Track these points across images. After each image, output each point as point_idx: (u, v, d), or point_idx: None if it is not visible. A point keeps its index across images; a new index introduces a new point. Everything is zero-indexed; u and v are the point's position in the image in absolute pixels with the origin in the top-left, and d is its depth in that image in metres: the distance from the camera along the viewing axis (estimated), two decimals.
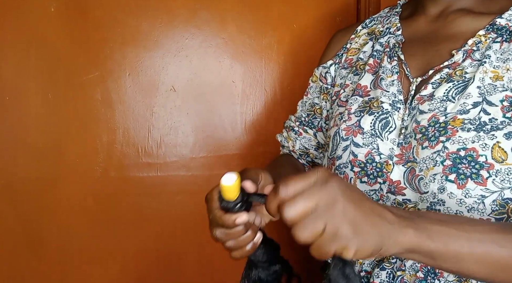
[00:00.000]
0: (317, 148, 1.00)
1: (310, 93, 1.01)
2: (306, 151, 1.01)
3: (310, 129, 1.00)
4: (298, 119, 1.02)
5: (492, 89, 0.69)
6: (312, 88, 1.00)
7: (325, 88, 0.96)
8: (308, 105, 1.01)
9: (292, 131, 1.02)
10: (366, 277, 0.74)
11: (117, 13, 1.19)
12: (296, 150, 1.01)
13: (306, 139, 1.00)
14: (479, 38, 0.74)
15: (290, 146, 1.02)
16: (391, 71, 0.80)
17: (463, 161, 0.66)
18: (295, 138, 1.01)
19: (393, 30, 0.87)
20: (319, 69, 0.98)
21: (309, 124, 1.00)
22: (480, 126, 0.66)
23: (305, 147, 1.01)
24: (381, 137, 0.75)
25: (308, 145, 1.00)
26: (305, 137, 1.00)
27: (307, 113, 1.01)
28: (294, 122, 1.03)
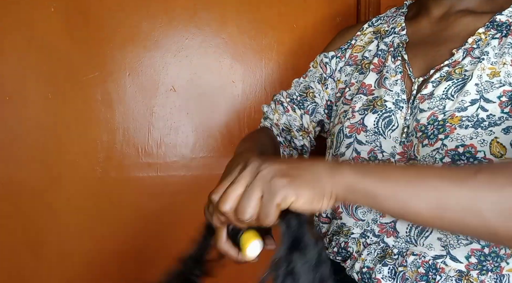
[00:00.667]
0: (299, 129, 0.99)
1: (309, 76, 1.00)
2: (289, 128, 1.00)
3: (298, 109, 0.99)
4: (289, 95, 1.01)
5: (489, 86, 0.69)
6: (311, 72, 1.00)
7: (324, 77, 0.97)
8: (303, 86, 1.00)
9: (281, 105, 1.00)
10: (368, 273, 0.74)
11: (117, 13, 1.19)
12: (280, 123, 1.00)
13: (292, 118, 0.99)
14: (479, 35, 0.75)
15: (274, 119, 1.00)
16: (395, 70, 0.81)
17: (462, 158, 0.66)
18: (282, 113, 1.00)
19: (398, 30, 0.88)
20: (320, 56, 0.99)
21: (299, 104, 0.99)
22: (478, 123, 0.67)
23: (289, 124, 0.99)
24: (384, 135, 0.76)
25: (292, 124, 0.99)
26: (291, 115, 0.99)
27: (300, 93, 1.00)
28: (285, 98, 1.01)
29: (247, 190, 0.52)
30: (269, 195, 0.51)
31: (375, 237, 0.76)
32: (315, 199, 0.52)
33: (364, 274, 0.75)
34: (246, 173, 0.54)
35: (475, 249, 0.68)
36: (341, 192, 0.53)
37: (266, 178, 0.52)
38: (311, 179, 0.52)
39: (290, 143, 1.01)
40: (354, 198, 0.54)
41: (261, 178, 0.52)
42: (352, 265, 0.77)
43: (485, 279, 0.67)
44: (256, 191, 0.52)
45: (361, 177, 0.53)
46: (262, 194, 0.52)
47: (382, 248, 0.75)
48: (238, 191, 0.53)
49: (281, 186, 0.51)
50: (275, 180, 0.51)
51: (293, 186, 0.51)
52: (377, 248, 0.76)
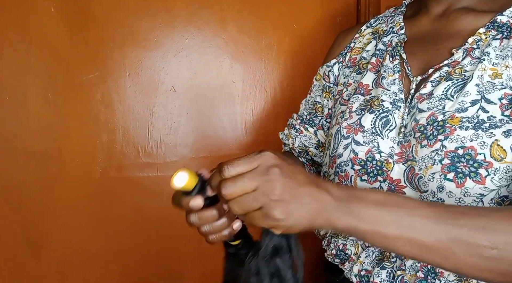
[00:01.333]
0: (317, 146, 1.00)
1: (313, 91, 1.01)
2: (306, 149, 1.01)
3: (310, 127, 1.00)
4: (299, 117, 1.03)
5: (491, 87, 0.68)
6: (315, 87, 1.01)
7: (327, 86, 0.97)
8: (310, 104, 1.01)
9: (293, 129, 1.02)
10: (367, 276, 0.74)
11: (117, 13, 1.19)
12: (295, 147, 1.02)
13: (306, 137, 1.00)
14: (480, 36, 0.74)
15: (290, 144, 1.02)
16: (393, 70, 0.81)
17: (462, 160, 0.66)
18: (295, 136, 1.01)
19: (396, 29, 0.87)
20: (323, 68, 0.99)
21: (310, 122, 1.00)
22: (478, 124, 0.66)
23: (305, 145, 1.00)
24: (382, 136, 0.76)
25: (308, 143, 1.00)
26: (305, 135, 1.00)
27: (309, 111, 1.01)
28: (296, 120, 1.03)
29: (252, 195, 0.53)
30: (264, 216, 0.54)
31: None
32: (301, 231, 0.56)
33: (362, 277, 0.75)
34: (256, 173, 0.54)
35: None
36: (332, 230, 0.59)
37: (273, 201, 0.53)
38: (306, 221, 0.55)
39: (313, 161, 1.03)
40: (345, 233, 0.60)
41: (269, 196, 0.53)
42: (351, 268, 0.77)
43: None
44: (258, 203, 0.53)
45: (356, 223, 0.56)
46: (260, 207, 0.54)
47: (380, 251, 0.75)
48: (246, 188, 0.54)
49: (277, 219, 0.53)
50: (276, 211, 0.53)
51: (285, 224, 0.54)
52: (375, 250, 0.75)
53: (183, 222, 1.27)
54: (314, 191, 0.55)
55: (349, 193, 0.57)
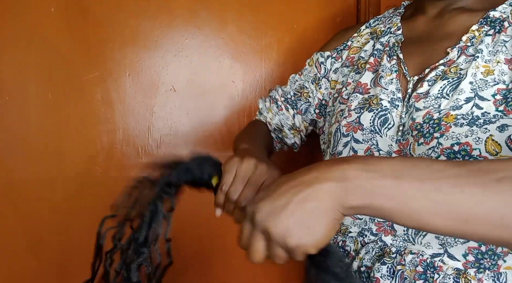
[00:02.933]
0: (291, 128, 1.02)
1: (304, 74, 1.02)
2: (281, 128, 1.03)
3: (291, 109, 1.01)
4: (284, 94, 1.04)
5: (484, 85, 0.69)
6: (307, 71, 1.02)
7: (318, 77, 0.98)
8: (298, 85, 1.02)
9: (275, 104, 1.04)
10: (367, 272, 0.74)
11: (117, 13, 1.20)
12: (272, 123, 1.04)
13: (284, 117, 1.02)
14: (473, 33, 0.75)
15: (268, 117, 1.04)
16: (390, 69, 0.81)
17: (457, 156, 0.66)
18: (276, 113, 1.03)
19: (394, 29, 0.88)
20: (317, 54, 1.00)
21: (292, 104, 1.02)
22: (473, 121, 0.67)
23: (281, 124, 1.02)
24: (380, 134, 0.76)
25: (284, 123, 1.02)
26: (284, 114, 1.02)
27: (294, 92, 1.02)
28: (280, 96, 1.04)
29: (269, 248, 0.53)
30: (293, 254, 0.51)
31: (373, 235, 0.76)
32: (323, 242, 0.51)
33: (362, 273, 0.75)
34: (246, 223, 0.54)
35: (472, 247, 0.68)
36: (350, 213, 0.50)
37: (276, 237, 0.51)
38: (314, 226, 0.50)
39: (282, 140, 1.05)
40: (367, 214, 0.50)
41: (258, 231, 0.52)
42: (351, 264, 0.77)
43: (483, 277, 0.67)
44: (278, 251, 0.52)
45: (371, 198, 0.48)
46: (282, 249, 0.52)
47: (380, 247, 0.75)
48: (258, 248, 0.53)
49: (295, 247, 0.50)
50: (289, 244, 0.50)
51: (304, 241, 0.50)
52: (375, 247, 0.76)
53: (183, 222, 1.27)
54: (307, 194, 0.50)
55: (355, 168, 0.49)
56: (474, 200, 0.45)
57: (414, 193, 0.47)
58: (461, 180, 0.46)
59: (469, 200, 0.45)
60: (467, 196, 0.45)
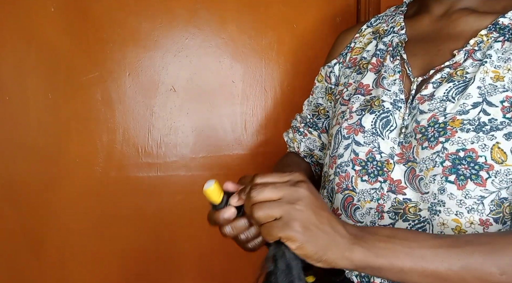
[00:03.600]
0: (321, 148, 1.02)
1: (315, 93, 1.02)
2: (311, 152, 1.03)
3: (314, 131, 1.01)
4: (303, 119, 1.04)
5: (493, 90, 0.68)
6: (318, 88, 1.02)
7: (329, 88, 0.98)
8: (313, 105, 1.02)
9: (297, 132, 1.04)
10: (367, 276, 0.74)
11: (117, 13, 1.19)
12: (300, 151, 1.03)
13: (311, 140, 1.02)
14: (481, 37, 0.74)
15: (295, 147, 1.04)
16: (393, 70, 0.80)
17: (463, 162, 0.66)
18: (300, 140, 1.03)
19: (397, 29, 0.86)
20: (324, 68, 0.99)
21: (314, 125, 1.01)
22: (480, 127, 0.66)
23: (310, 149, 1.02)
24: (382, 136, 0.75)
25: (313, 145, 1.02)
26: (310, 138, 1.02)
27: (312, 113, 1.02)
28: (300, 122, 1.04)
29: (276, 203, 0.54)
30: (283, 225, 0.53)
31: None
32: (311, 259, 0.54)
33: (363, 277, 0.75)
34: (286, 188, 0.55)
35: None
36: (348, 266, 0.56)
37: (291, 213, 0.53)
38: (321, 244, 0.54)
39: (317, 163, 1.04)
40: (359, 270, 0.58)
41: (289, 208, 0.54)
42: None
43: None
44: (276, 210, 0.54)
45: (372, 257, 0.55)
46: (281, 216, 0.53)
47: None
48: (273, 196, 0.55)
49: (295, 230, 0.52)
50: (296, 222, 0.53)
51: (301, 238, 0.53)
52: None
53: (183, 222, 1.28)
54: (333, 220, 0.56)
55: (362, 230, 0.58)
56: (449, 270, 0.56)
57: (406, 262, 0.56)
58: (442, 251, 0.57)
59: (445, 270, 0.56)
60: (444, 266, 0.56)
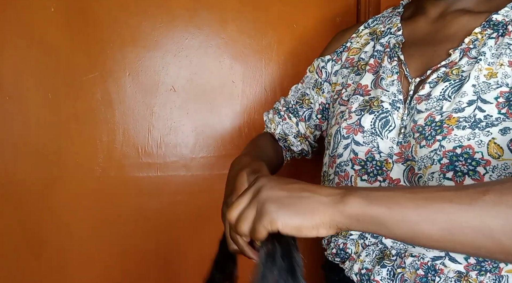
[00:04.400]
0: (296, 135, 1.03)
1: (305, 82, 1.03)
2: (285, 136, 1.03)
3: (294, 117, 1.02)
4: (286, 103, 1.05)
5: (487, 88, 0.69)
6: (308, 78, 1.03)
7: (319, 82, 0.99)
8: (300, 93, 1.03)
9: (277, 114, 1.04)
10: (367, 274, 0.74)
11: (117, 13, 1.19)
12: (276, 133, 1.04)
13: (288, 125, 1.03)
14: (476, 35, 0.75)
15: (271, 128, 1.05)
16: (391, 71, 0.81)
17: (460, 159, 0.66)
18: (278, 122, 1.03)
19: (394, 30, 0.88)
20: (317, 60, 1.01)
21: (294, 111, 1.03)
22: (475, 124, 0.67)
23: (285, 133, 1.03)
24: (381, 136, 0.76)
25: (289, 131, 1.03)
26: (287, 123, 1.03)
27: (296, 100, 1.03)
28: (282, 106, 1.05)
29: (245, 209, 0.56)
30: (259, 217, 0.54)
31: (374, 238, 0.76)
32: (304, 228, 0.52)
33: (363, 276, 0.75)
34: (249, 192, 0.57)
35: None
36: (343, 222, 0.52)
37: (260, 201, 0.55)
38: (304, 209, 0.53)
39: (289, 148, 1.05)
40: (360, 226, 0.52)
41: (257, 200, 0.55)
42: (351, 267, 0.77)
43: (484, 280, 0.67)
44: (250, 211, 0.56)
45: (367, 205, 0.51)
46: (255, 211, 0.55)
47: (380, 249, 0.75)
48: (240, 207, 0.57)
49: (270, 211, 0.53)
50: (266, 205, 0.54)
51: (280, 214, 0.53)
52: (375, 249, 0.76)
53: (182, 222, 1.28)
54: (307, 185, 0.55)
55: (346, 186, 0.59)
56: (462, 212, 0.48)
57: (408, 204, 0.50)
58: (449, 192, 0.50)
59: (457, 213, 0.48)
60: (454, 207, 0.48)
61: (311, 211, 0.52)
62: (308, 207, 0.52)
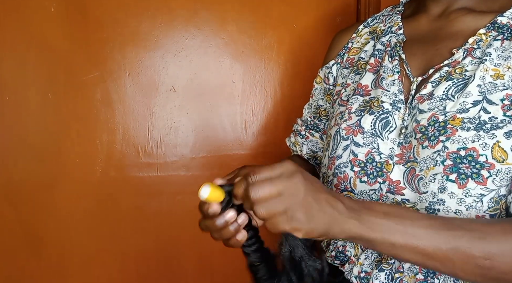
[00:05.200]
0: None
1: (315, 95, 1.02)
2: (314, 154, 1.02)
3: (316, 132, 1.00)
4: (304, 122, 1.03)
5: (493, 88, 0.68)
6: (317, 90, 1.01)
7: (327, 89, 0.97)
8: (314, 108, 1.02)
9: (299, 135, 1.03)
10: (366, 278, 0.74)
11: (117, 13, 1.19)
12: (304, 154, 1.02)
13: (313, 142, 1.01)
14: (480, 36, 0.74)
15: (298, 151, 1.03)
16: (392, 70, 0.80)
17: (464, 161, 0.66)
18: (302, 143, 1.02)
19: (395, 29, 0.86)
20: (322, 70, 0.99)
21: (315, 127, 1.01)
22: (480, 125, 0.66)
23: (312, 151, 1.01)
24: (382, 137, 0.75)
25: (316, 147, 1.01)
26: (312, 141, 1.01)
27: (313, 115, 1.02)
28: (301, 126, 1.04)
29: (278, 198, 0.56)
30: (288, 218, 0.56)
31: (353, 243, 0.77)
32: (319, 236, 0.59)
33: (362, 279, 0.75)
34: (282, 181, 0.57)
35: None
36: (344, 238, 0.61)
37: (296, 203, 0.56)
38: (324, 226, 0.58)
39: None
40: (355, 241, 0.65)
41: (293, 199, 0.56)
42: (351, 269, 0.77)
43: None
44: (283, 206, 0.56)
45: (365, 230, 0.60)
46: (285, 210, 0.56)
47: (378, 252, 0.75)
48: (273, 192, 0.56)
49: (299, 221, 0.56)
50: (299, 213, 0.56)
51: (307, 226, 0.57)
52: (374, 252, 0.75)
53: (182, 222, 1.28)
54: (331, 199, 0.59)
55: (359, 204, 0.62)
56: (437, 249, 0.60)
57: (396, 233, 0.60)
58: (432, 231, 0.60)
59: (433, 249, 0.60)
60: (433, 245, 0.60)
61: (328, 227, 0.58)
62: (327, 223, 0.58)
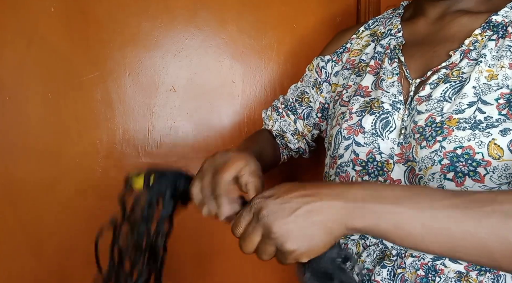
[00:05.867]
0: (293, 133, 1.04)
1: (305, 80, 1.04)
2: (282, 133, 1.04)
3: (292, 115, 1.03)
4: (285, 101, 1.06)
5: (487, 89, 0.69)
6: (307, 77, 1.03)
7: (318, 81, 0.99)
8: (299, 92, 1.04)
9: (276, 111, 1.05)
10: (368, 274, 0.75)
11: (117, 13, 1.19)
12: (273, 130, 1.05)
13: (286, 123, 1.03)
14: (476, 37, 0.75)
15: (269, 125, 1.06)
16: (392, 72, 0.82)
17: (460, 159, 0.67)
18: (276, 119, 1.04)
19: (394, 32, 0.88)
20: (317, 59, 1.01)
21: (293, 109, 1.03)
22: (475, 125, 0.67)
23: (283, 130, 1.04)
24: (382, 137, 0.76)
25: (286, 128, 1.03)
26: (285, 121, 1.03)
27: (296, 98, 1.04)
28: (281, 103, 1.06)
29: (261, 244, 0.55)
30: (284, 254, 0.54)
31: (374, 238, 0.77)
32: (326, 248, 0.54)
33: (364, 276, 0.75)
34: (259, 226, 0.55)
35: None
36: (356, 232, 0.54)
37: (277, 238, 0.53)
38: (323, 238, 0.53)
39: (286, 145, 1.06)
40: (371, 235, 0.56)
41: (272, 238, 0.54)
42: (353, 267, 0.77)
43: (484, 279, 0.68)
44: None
45: (374, 223, 0.52)
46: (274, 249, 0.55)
47: (381, 250, 0.76)
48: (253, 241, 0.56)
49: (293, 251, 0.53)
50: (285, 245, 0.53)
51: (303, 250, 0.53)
52: (376, 249, 0.76)
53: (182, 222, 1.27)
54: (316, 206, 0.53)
55: (366, 191, 0.53)
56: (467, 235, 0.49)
57: (411, 219, 0.50)
58: (456, 211, 0.49)
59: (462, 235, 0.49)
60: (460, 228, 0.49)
61: (329, 234, 0.53)
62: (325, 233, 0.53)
